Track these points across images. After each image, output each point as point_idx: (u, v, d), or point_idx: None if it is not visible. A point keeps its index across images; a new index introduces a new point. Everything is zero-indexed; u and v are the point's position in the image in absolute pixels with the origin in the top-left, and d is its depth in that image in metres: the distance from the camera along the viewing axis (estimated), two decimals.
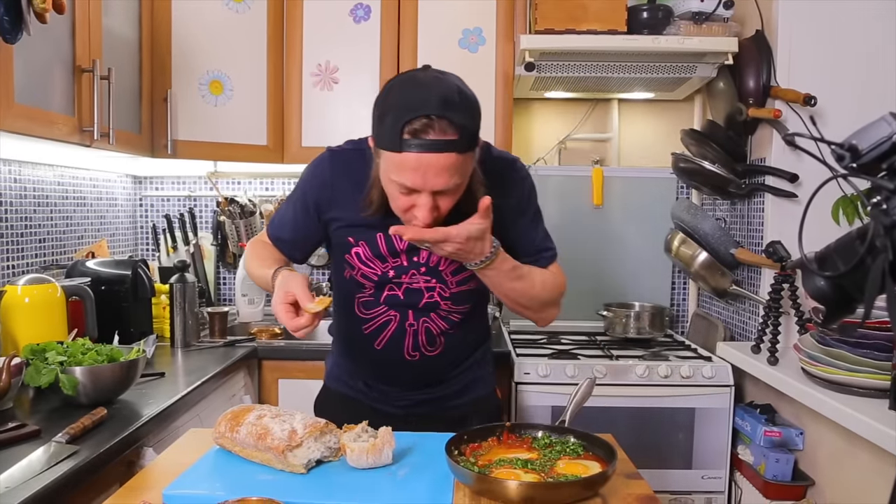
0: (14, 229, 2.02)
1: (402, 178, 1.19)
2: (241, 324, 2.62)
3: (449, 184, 1.20)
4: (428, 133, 1.14)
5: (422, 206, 1.21)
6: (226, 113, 2.37)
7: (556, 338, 2.49)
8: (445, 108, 1.15)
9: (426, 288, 1.41)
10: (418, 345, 1.44)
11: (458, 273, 1.41)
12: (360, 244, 1.40)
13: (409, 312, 1.42)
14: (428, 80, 1.19)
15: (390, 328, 1.44)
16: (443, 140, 1.15)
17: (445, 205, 1.24)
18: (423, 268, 1.40)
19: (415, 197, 1.22)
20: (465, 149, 1.19)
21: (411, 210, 1.24)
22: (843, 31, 2.04)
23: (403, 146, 1.15)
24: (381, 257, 1.40)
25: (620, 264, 2.73)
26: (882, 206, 0.80)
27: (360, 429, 1.18)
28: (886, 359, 1.51)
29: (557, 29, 2.24)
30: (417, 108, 1.15)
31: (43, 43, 1.60)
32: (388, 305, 1.43)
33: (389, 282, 1.41)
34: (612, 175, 2.73)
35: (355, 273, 1.43)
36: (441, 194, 1.22)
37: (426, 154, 1.15)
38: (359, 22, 2.46)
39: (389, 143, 1.18)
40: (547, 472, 1.10)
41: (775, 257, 1.94)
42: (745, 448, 2.05)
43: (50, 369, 1.45)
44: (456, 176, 1.20)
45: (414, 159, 1.16)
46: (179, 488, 1.07)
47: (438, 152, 1.15)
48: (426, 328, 1.43)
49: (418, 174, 1.17)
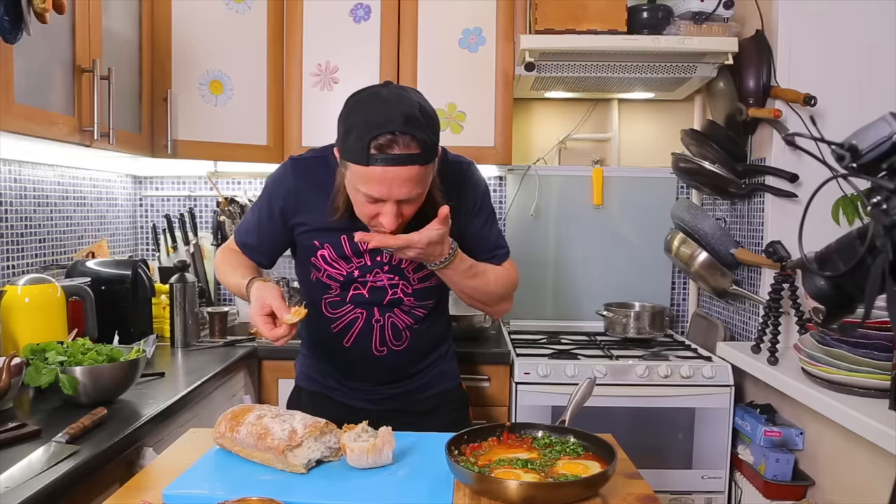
0: (14, 229, 2.02)
1: (368, 189, 1.27)
2: (241, 324, 2.62)
3: (412, 193, 1.29)
4: (393, 148, 1.23)
5: (386, 214, 1.30)
6: (226, 113, 2.37)
7: (556, 338, 2.49)
8: (408, 124, 1.23)
9: (389, 285, 1.50)
10: (385, 340, 1.53)
11: (419, 271, 1.49)
12: (325, 246, 1.48)
13: (375, 309, 1.51)
14: (391, 97, 1.26)
15: (358, 325, 1.52)
16: (406, 154, 1.23)
17: (409, 211, 1.33)
18: (386, 266, 1.49)
19: (380, 206, 1.30)
20: (427, 161, 1.27)
21: (377, 217, 1.32)
22: (843, 31, 2.04)
23: (370, 161, 1.24)
24: (345, 258, 1.48)
25: (620, 264, 2.73)
26: (882, 206, 0.80)
27: (360, 429, 1.18)
28: (886, 359, 1.51)
29: (557, 29, 2.24)
30: (382, 125, 1.22)
31: (43, 43, 1.59)
32: (354, 304, 1.51)
33: (355, 281, 1.49)
34: (612, 175, 2.73)
35: (321, 275, 1.51)
36: (405, 202, 1.31)
37: (391, 168, 1.24)
38: (359, 22, 2.46)
39: (356, 157, 1.25)
40: (547, 472, 1.10)
41: (775, 257, 1.94)
42: (745, 448, 2.05)
43: (50, 369, 1.45)
44: (418, 186, 1.29)
45: (380, 172, 1.24)
46: (179, 488, 1.07)
47: (402, 165, 1.24)
48: (392, 323, 1.52)
49: (384, 186, 1.26)
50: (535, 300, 2.70)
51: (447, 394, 1.66)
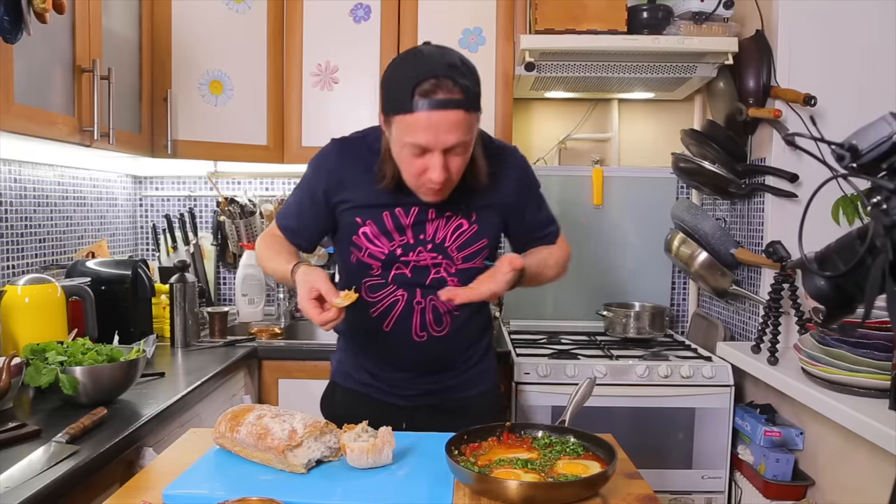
0: (14, 229, 2.02)
1: (414, 138, 1.28)
2: (241, 324, 2.62)
3: (458, 140, 1.28)
4: (437, 93, 1.25)
5: (434, 167, 1.30)
6: (226, 113, 2.37)
7: (556, 338, 2.49)
8: (451, 71, 1.26)
9: (433, 264, 1.47)
10: (426, 324, 1.49)
11: (463, 249, 1.48)
12: (367, 223, 1.46)
13: (417, 291, 1.48)
14: (432, 51, 1.31)
15: (398, 308, 1.48)
16: (450, 98, 1.25)
17: (455, 166, 1.33)
18: (430, 244, 1.46)
19: (427, 158, 1.30)
20: (470, 107, 1.29)
21: (425, 174, 1.32)
22: (843, 30, 2.04)
23: (415, 106, 1.25)
24: (387, 234, 1.45)
25: (620, 264, 2.73)
26: (882, 206, 0.80)
27: (360, 429, 1.18)
28: (886, 359, 1.51)
29: (557, 29, 2.24)
30: (425, 73, 1.25)
31: (43, 43, 1.60)
32: (396, 284, 1.47)
33: (397, 260, 1.46)
34: (612, 175, 2.73)
35: (363, 254, 1.47)
36: (450, 153, 1.30)
37: (436, 111, 1.25)
38: (359, 22, 2.46)
39: (402, 106, 1.27)
40: (547, 472, 1.10)
41: (775, 257, 1.94)
42: (745, 448, 2.05)
43: (50, 369, 1.45)
44: (463, 133, 1.28)
45: (425, 117, 1.25)
46: (179, 488, 1.07)
47: (447, 109, 1.25)
48: (433, 306, 1.49)
49: (430, 132, 1.26)
50: (535, 300, 2.70)
51: (484, 394, 1.61)
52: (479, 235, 1.48)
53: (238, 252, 2.76)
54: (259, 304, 2.69)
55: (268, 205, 2.78)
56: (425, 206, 1.43)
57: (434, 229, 1.45)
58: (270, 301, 2.80)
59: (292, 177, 2.82)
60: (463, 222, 1.47)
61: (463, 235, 1.47)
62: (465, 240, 1.47)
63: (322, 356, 2.22)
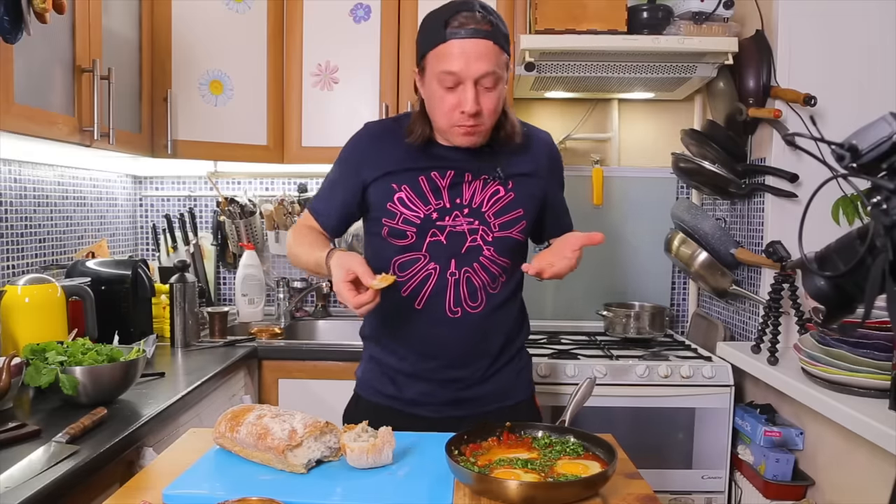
0: (14, 229, 2.02)
1: (447, 65, 1.32)
2: (241, 324, 2.62)
3: (488, 69, 1.32)
4: (468, 24, 1.32)
5: (467, 99, 1.33)
6: (226, 113, 2.37)
7: (556, 338, 2.49)
8: (481, 7, 1.34)
9: (469, 230, 1.45)
10: (460, 298, 1.46)
11: (500, 216, 1.46)
12: (402, 188, 1.45)
13: (452, 261, 1.45)
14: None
15: (431, 282, 1.45)
16: (481, 28, 1.32)
17: (486, 103, 1.35)
18: (466, 209, 1.45)
19: (459, 92, 1.34)
20: (499, 42, 1.34)
21: (457, 109, 1.35)
22: (842, 30, 2.04)
23: (447, 36, 1.32)
24: (423, 197, 1.44)
25: (620, 264, 2.73)
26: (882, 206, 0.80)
27: (360, 429, 1.18)
28: (886, 359, 1.51)
29: (557, 29, 2.24)
30: (457, 7, 1.34)
31: (43, 43, 1.60)
32: (429, 254, 1.45)
33: (433, 225, 1.44)
34: (612, 175, 2.73)
35: (396, 221, 1.45)
36: (482, 87, 1.34)
37: (467, 40, 1.31)
38: (359, 22, 2.46)
39: (434, 39, 1.34)
40: (547, 472, 1.10)
41: (775, 257, 1.94)
42: (745, 448, 2.05)
43: (50, 369, 1.45)
44: (493, 63, 1.33)
45: (457, 45, 1.32)
46: (179, 488, 1.07)
47: (478, 38, 1.32)
48: (468, 279, 1.46)
49: (461, 59, 1.31)
50: (535, 300, 2.69)
51: (517, 408, 1.54)
52: (515, 204, 1.47)
53: (238, 252, 2.76)
54: (259, 304, 2.70)
55: (268, 205, 2.78)
56: (461, 168, 1.44)
57: (471, 193, 1.45)
58: (270, 301, 2.80)
59: (292, 177, 2.82)
60: (500, 188, 1.46)
61: (500, 202, 1.46)
62: (502, 206, 1.46)
63: (322, 356, 2.23)
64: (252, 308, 2.68)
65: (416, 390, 1.51)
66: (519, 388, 1.58)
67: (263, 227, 2.80)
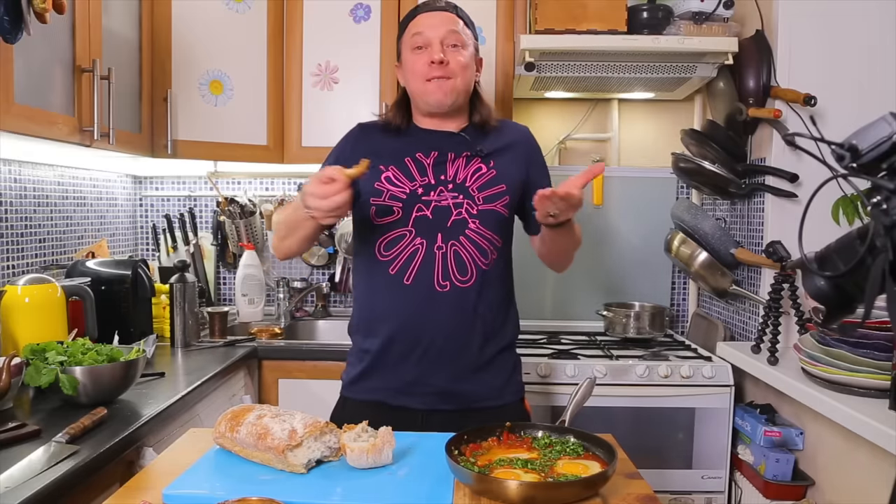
0: (14, 229, 2.02)
1: (415, 37, 1.51)
2: (241, 324, 2.62)
3: (450, 29, 1.50)
4: (430, 4, 1.55)
5: (434, 49, 1.49)
6: (226, 113, 2.37)
7: (556, 338, 2.49)
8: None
9: (454, 205, 1.49)
10: (448, 272, 1.47)
11: (484, 190, 1.51)
12: (389, 168, 1.51)
13: (438, 235, 1.47)
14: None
15: (418, 257, 1.47)
16: (440, 4, 1.55)
17: (454, 60, 1.49)
18: (451, 185, 1.51)
19: (428, 52, 1.49)
20: (460, 16, 1.55)
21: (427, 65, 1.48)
22: (843, 30, 2.04)
23: (416, 11, 1.54)
24: (409, 175, 1.51)
25: (620, 264, 2.73)
26: (882, 206, 0.80)
27: (360, 429, 1.18)
28: (886, 359, 1.51)
29: (557, 29, 2.24)
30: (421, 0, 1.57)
31: (43, 43, 1.60)
32: (415, 229, 1.48)
33: (418, 200, 1.49)
34: (612, 175, 2.73)
35: (383, 198, 1.49)
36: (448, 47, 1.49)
37: (429, 13, 1.53)
38: (359, 22, 2.46)
39: (406, 20, 1.56)
40: (547, 472, 1.10)
41: (775, 257, 1.94)
42: (745, 448, 2.05)
43: (50, 369, 1.45)
44: (457, 31, 1.51)
45: (422, 17, 1.53)
46: (179, 488, 1.06)
47: (441, 11, 1.53)
48: (455, 252, 1.48)
49: (426, 25, 1.51)
50: (535, 300, 2.70)
51: (506, 409, 1.52)
52: (497, 179, 1.52)
53: (238, 252, 2.76)
54: (259, 304, 2.70)
55: (268, 205, 2.78)
56: (444, 149, 1.52)
57: (455, 170, 1.51)
58: (270, 301, 2.80)
59: (292, 177, 2.82)
60: (482, 166, 1.53)
61: (483, 177, 1.52)
62: (485, 181, 1.51)
63: (322, 356, 2.23)
64: (252, 308, 2.68)
65: (403, 379, 1.49)
66: (507, 391, 1.56)
67: (263, 227, 2.80)
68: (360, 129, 1.63)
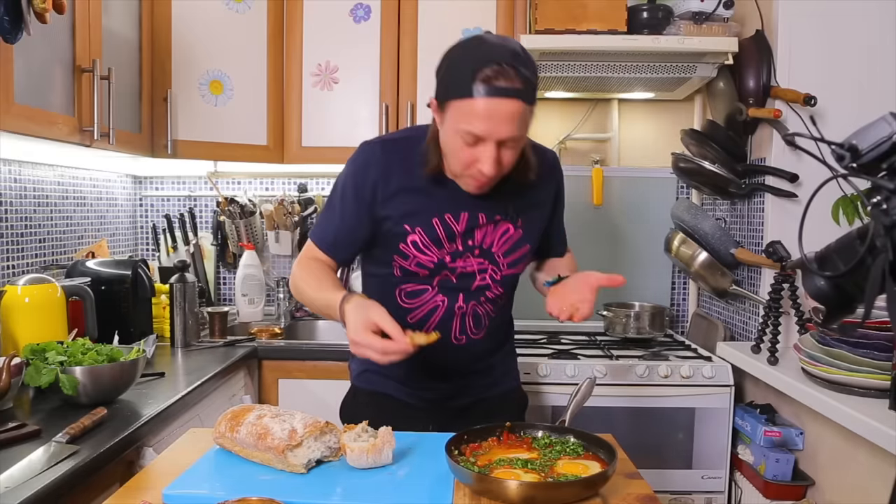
0: (14, 229, 2.02)
1: (470, 126, 1.23)
2: (241, 324, 2.62)
3: (514, 132, 1.25)
4: (499, 80, 1.20)
5: (486, 159, 1.26)
6: (226, 113, 2.37)
7: (556, 338, 2.49)
8: (514, 59, 1.22)
9: (479, 270, 1.44)
10: (465, 328, 1.47)
11: (509, 255, 1.46)
12: (416, 231, 1.39)
13: (460, 296, 1.44)
14: (495, 39, 1.27)
15: (438, 313, 1.45)
16: (512, 87, 1.21)
17: (506, 159, 1.29)
18: (477, 250, 1.43)
19: (479, 149, 1.26)
20: (528, 100, 1.25)
21: (475, 165, 1.28)
22: (842, 30, 2.04)
23: (475, 91, 1.21)
24: (437, 242, 1.40)
25: (620, 264, 2.72)
26: (882, 206, 0.80)
27: (360, 429, 1.18)
28: (886, 359, 1.51)
29: (557, 29, 2.24)
30: (489, 58, 1.21)
31: (43, 43, 1.60)
32: (439, 287, 1.44)
33: (445, 268, 1.42)
34: (612, 175, 2.73)
35: (409, 263, 1.41)
36: (503, 146, 1.27)
37: (496, 99, 1.21)
38: (359, 22, 2.46)
39: (460, 90, 1.23)
40: (547, 472, 1.10)
41: (775, 257, 1.94)
42: (745, 448, 2.05)
43: (50, 369, 1.45)
44: (519, 126, 1.25)
45: (483, 104, 1.21)
46: (179, 488, 1.07)
47: (507, 98, 1.21)
48: (474, 311, 1.46)
49: (487, 121, 1.22)
50: (535, 300, 2.68)
51: (508, 394, 1.61)
52: (523, 241, 1.46)
53: (238, 252, 2.76)
54: (259, 304, 2.70)
55: (268, 205, 2.78)
56: (475, 210, 1.40)
57: (483, 235, 1.42)
58: (270, 301, 2.80)
59: (292, 177, 2.82)
60: (509, 227, 1.44)
61: (509, 241, 1.45)
62: (511, 245, 1.45)
63: (322, 356, 2.23)
64: (252, 308, 2.68)
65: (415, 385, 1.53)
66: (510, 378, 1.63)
67: (263, 227, 2.80)
68: (383, 150, 1.40)
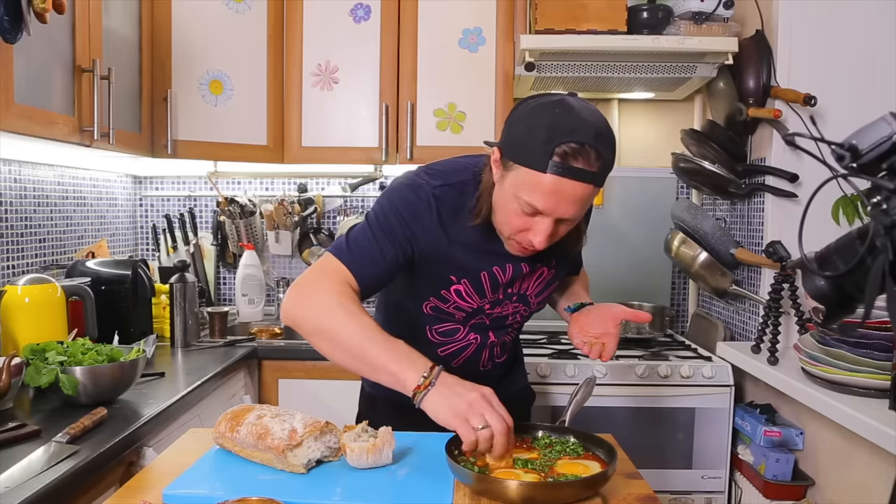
0: (14, 229, 2.02)
1: (532, 199, 1.15)
2: (241, 324, 2.62)
3: (576, 214, 1.18)
4: (577, 160, 1.12)
5: (541, 232, 1.18)
6: (226, 113, 2.37)
7: (556, 338, 2.49)
8: (598, 139, 1.14)
9: (512, 312, 1.45)
10: (493, 356, 1.51)
11: (540, 295, 1.46)
12: (461, 282, 1.35)
13: (491, 333, 1.46)
14: (581, 107, 1.17)
15: (470, 350, 1.46)
16: (588, 170, 1.13)
17: (560, 233, 1.23)
18: (515, 296, 1.42)
19: (536, 220, 1.19)
20: (601, 183, 1.18)
21: (526, 234, 1.21)
22: (843, 31, 2.04)
23: (549, 167, 1.12)
24: (481, 293, 1.38)
25: (620, 264, 2.73)
26: (882, 206, 0.80)
27: (360, 429, 1.18)
28: (886, 359, 1.51)
29: (557, 29, 2.24)
30: (573, 133, 1.12)
31: (43, 43, 1.60)
32: (470, 329, 1.44)
33: (482, 312, 1.41)
34: (612, 175, 2.67)
35: (447, 306, 1.39)
36: (562, 222, 1.20)
37: (568, 180, 1.13)
38: (359, 22, 2.46)
39: (533, 162, 1.14)
40: (547, 472, 1.10)
41: (775, 257, 1.94)
42: (745, 448, 2.05)
43: (50, 369, 1.45)
44: (583, 208, 1.19)
45: (553, 183, 1.13)
46: (179, 488, 1.06)
47: (579, 181, 1.13)
48: (502, 342, 1.50)
49: (553, 199, 1.14)
50: None
51: (518, 393, 1.65)
52: (555, 279, 1.46)
53: (238, 252, 2.76)
54: (259, 304, 2.70)
55: (268, 205, 2.78)
56: (519, 261, 1.34)
57: (521, 282, 1.40)
58: (270, 301, 2.80)
59: (292, 177, 2.82)
60: (544, 270, 1.41)
61: (543, 282, 1.43)
62: (544, 286, 1.44)
63: (322, 356, 2.22)
64: (252, 308, 2.68)
65: None
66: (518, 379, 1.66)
67: (263, 227, 2.80)
68: (436, 198, 1.29)
